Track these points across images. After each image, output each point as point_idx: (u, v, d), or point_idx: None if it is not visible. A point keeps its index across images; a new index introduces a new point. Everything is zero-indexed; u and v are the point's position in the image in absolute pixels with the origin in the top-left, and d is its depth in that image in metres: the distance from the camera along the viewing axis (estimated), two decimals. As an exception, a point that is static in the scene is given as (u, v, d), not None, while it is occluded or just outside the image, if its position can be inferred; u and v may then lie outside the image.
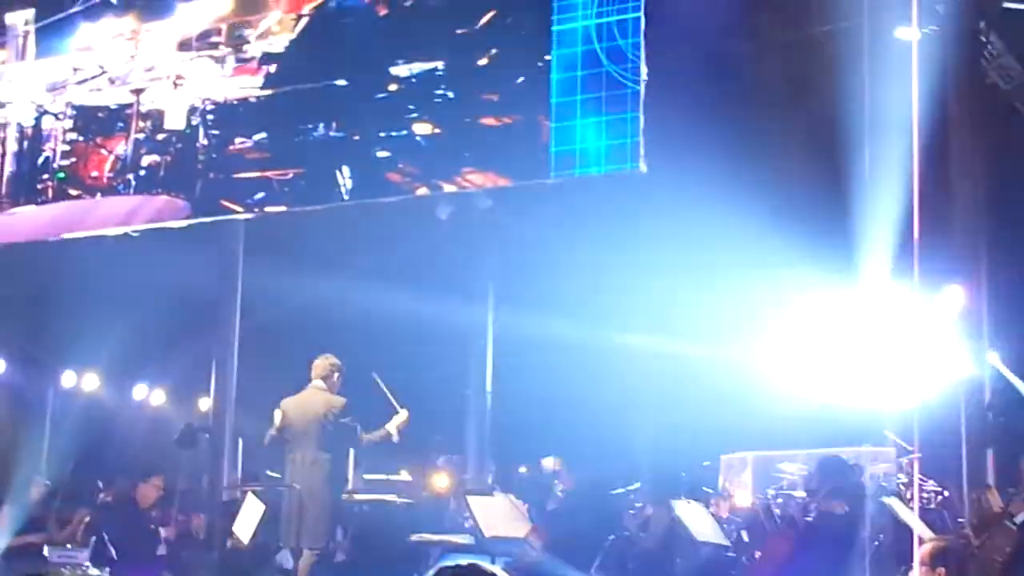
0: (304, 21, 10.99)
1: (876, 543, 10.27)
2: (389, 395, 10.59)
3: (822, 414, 15.16)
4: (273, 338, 15.00)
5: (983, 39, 12.18)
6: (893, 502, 10.22)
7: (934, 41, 11.50)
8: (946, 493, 11.23)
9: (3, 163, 12.07)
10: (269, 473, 11.23)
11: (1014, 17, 12.21)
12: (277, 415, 10.35)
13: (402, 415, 10.44)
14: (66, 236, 11.87)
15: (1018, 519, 9.00)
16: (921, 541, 8.49)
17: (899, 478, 12.18)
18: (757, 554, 11.07)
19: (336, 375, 10.43)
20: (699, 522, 10.70)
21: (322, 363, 10.46)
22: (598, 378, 18.61)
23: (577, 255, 18.06)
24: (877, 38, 12.00)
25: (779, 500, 13.01)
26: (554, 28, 9.60)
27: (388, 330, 18.44)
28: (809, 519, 10.67)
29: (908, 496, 11.38)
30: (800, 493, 12.84)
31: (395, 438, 10.40)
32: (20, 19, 12.18)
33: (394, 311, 18.27)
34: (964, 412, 11.12)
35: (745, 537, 11.80)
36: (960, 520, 10.41)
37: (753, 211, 16.28)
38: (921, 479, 12.22)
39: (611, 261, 18.47)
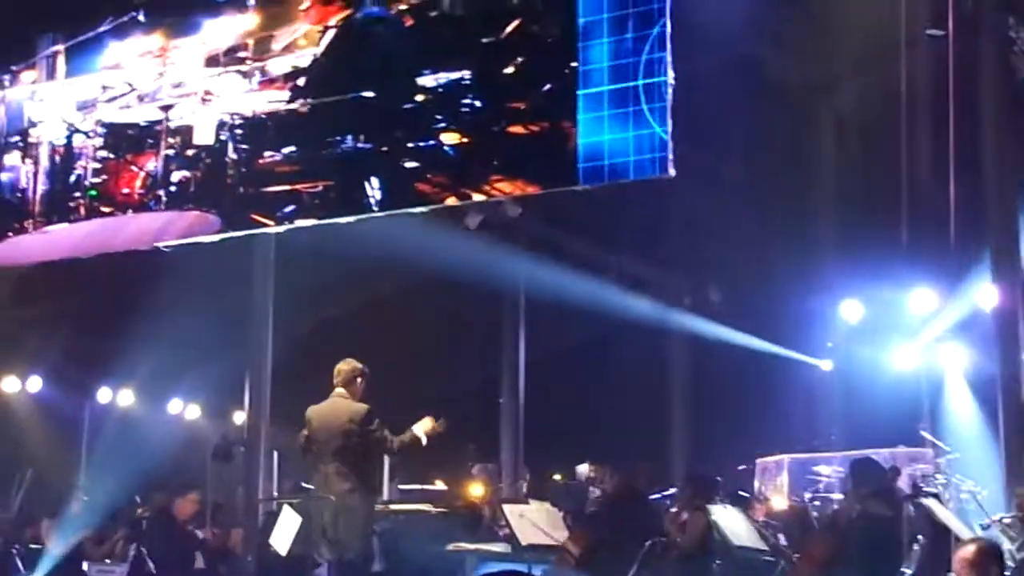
0: (330, 34, 11.02)
1: (915, 545, 10.21)
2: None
3: (859, 415, 15.14)
4: (307, 349, 15.03)
5: (1012, 34, 12.11)
6: (931, 503, 10.16)
7: (964, 37, 11.45)
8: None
9: (36, 182, 12.14)
10: (304, 485, 11.23)
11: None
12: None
13: (428, 421, 10.11)
14: (99, 253, 11.94)
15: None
16: (959, 541, 8.44)
17: (937, 479, 12.11)
18: (796, 557, 11.02)
19: (359, 380, 10.03)
20: (736, 526, 10.64)
21: (344, 368, 10.06)
22: (633, 383, 18.60)
23: (606, 258, 18.08)
24: (910, 36, 11.96)
25: (816, 503, 12.96)
26: (579, 44, 9.60)
27: (420, 339, 18.49)
28: (851, 520, 10.61)
29: (946, 497, 11.32)
30: (837, 496, 12.78)
31: (423, 441, 10.08)
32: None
33: (426, 319, 18.33)
34: (1002, 411, 11.04)
35: (783, 541, 11.74)
36: None
37: (784, 212, 16.27)
38: (959, 479, 12.17)
39: (641, 263, 18.49)
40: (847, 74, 15.23)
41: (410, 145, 10.47)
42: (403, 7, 10.62)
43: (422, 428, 9.99)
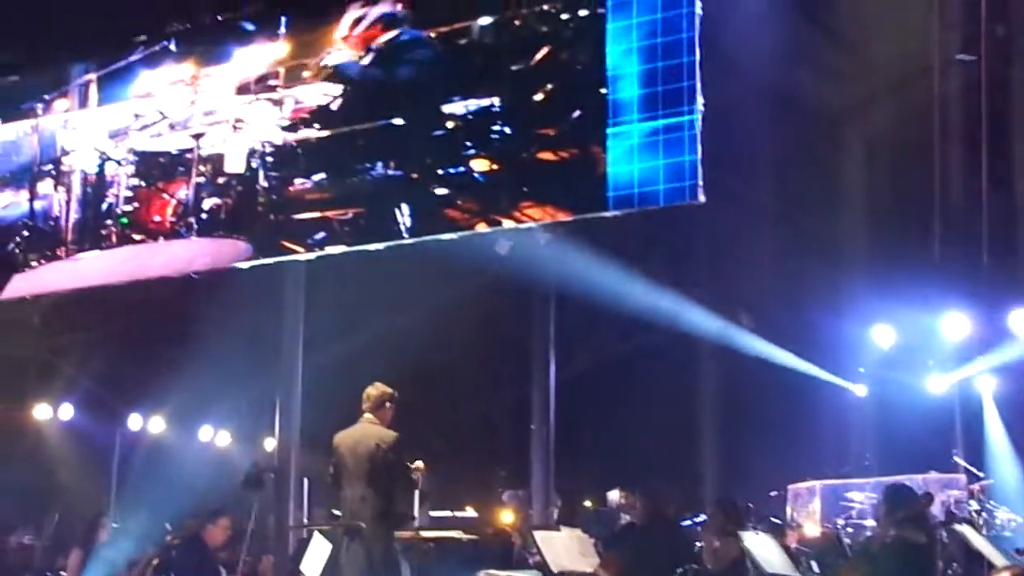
0: (365, 60, 11.07)
1: (949, 572, 10.11)
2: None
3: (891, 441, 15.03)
4: (337, 376, 15.04)
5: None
6: (965, 529, 10.07)
7: (995, 62, 11.43)
8: None
9: (68, 210, 12.23)
10: (335, 512, 11.21)
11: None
12: None
13: (420, 464, 10.02)
14: (130, 281, 12.00)
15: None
16: (993, 569, 8.36)
17: (970, 505, 12.01)
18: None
19: (388, 405, 9.87)
20: (768, 553, 10.55)
21: (373, 393, 9.89)
22: (664, 407, 18.53)
23: (638, 282, 18.02)
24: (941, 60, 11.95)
25: (849, 529, 12.86)
26: (608, 71, 9.63)
27: (450, 366, 18.47)
28: (886, 546, 10.50)
29: (980, 523, 11.23)
30: (870, 522, 12.68)
31: (419, 484, 10.00)
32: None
33: (457, 347, 18.30)
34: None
35: (816, 568, 11.64)
36: None
37: (815, 237, 16.21)
38: (992, 505, 12.06)
39: (672, 287, 18.43)
40: (878, 98, 15.20)
41: (440, 172, 10.50)
42: (432, 35, 10.67)
43: (419, 467, 9.91)
